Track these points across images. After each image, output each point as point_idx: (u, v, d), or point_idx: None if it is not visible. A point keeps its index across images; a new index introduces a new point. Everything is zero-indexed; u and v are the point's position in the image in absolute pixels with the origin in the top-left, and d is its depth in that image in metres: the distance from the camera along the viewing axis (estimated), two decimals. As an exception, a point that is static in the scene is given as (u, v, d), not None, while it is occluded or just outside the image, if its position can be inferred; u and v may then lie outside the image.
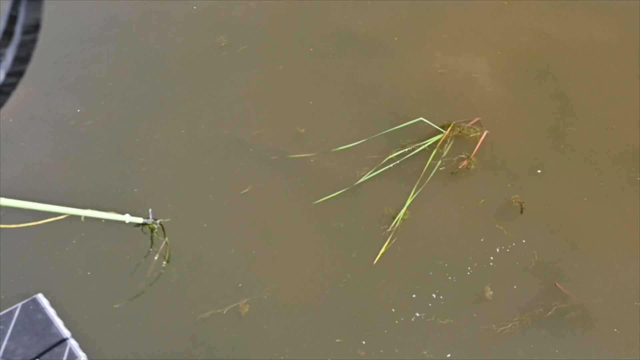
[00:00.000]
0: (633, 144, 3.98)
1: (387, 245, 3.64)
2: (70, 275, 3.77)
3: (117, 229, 4.00)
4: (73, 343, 3.12)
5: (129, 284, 3.70)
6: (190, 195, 4.10)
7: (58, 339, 3.14)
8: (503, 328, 3.26)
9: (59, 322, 3.20)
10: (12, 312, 3.22)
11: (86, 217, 1.66)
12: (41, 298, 3.31)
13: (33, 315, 3.22)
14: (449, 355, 3.21)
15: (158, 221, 2.07)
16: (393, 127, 4.24)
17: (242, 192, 4.05)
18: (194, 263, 3.75)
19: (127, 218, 1.87)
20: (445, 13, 5.15)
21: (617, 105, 4.25)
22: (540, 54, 4.67)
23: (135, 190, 4.17)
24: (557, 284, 3.40)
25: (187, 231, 3.91)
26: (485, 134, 4.15)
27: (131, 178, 4.23)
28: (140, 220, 1.97)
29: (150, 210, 2.06)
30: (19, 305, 3.26)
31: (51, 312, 3.25)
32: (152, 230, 2.07)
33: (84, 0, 5.66)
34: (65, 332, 3.16)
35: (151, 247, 2.14)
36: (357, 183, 4.00)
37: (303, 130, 4.39)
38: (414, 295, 3.46)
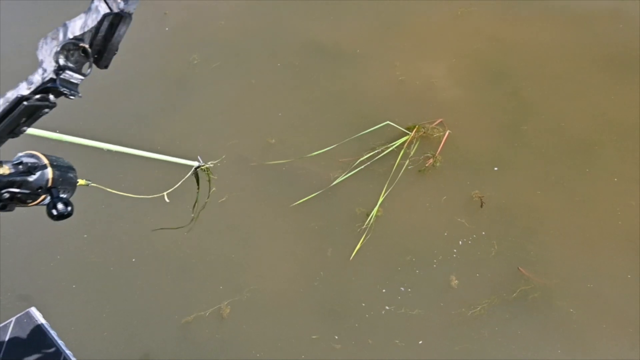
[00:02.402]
0: (580, 138, 4.26)
1: (361, 243, 3.88)
2: (58, 288, 3.94)
3: (99, 241, 4.18)
4: (68, 353, 3.25)
5: (119, 292, 3.89)
6: (169, 207, 4.27)
7: (53, 351, 3.26)
8: (473, 311, 3.50)
9: (53, 334, 3.33)
10: (6, 327, 3.33)
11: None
12: (34, 311, 3.43)
13: (27, 328, 3.34)
14: (420, 342, 3.46)
15: (209, 163, 2.35)
16: (362, 131, 4.48)
17: (220, 201, 4.26)
18: (177, 270, 3.96)
19: (185, 161, 2.18)
20: (403, 24, 5.42)
21: (565, 102, 4.53)
22: (494, 57, 4.95)
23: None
24: (519, 268, 3.66)
25: (169, 241, 4.10)
26: (447, 133, 4.42)
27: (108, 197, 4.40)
28: (196, 163, 2.25)
29: (199, 157, 2.32)
30: (13, 319, 3.37)
31: (45, 324, 3.37)
32: (206, 170, 2.34)
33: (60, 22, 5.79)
34: (60, 343, 3.29)
35: (210, 189, 2.49)
36: (331, 185, 4.24)
37: (273, 140, 4.61)
38: (383, 290, 3.71)
